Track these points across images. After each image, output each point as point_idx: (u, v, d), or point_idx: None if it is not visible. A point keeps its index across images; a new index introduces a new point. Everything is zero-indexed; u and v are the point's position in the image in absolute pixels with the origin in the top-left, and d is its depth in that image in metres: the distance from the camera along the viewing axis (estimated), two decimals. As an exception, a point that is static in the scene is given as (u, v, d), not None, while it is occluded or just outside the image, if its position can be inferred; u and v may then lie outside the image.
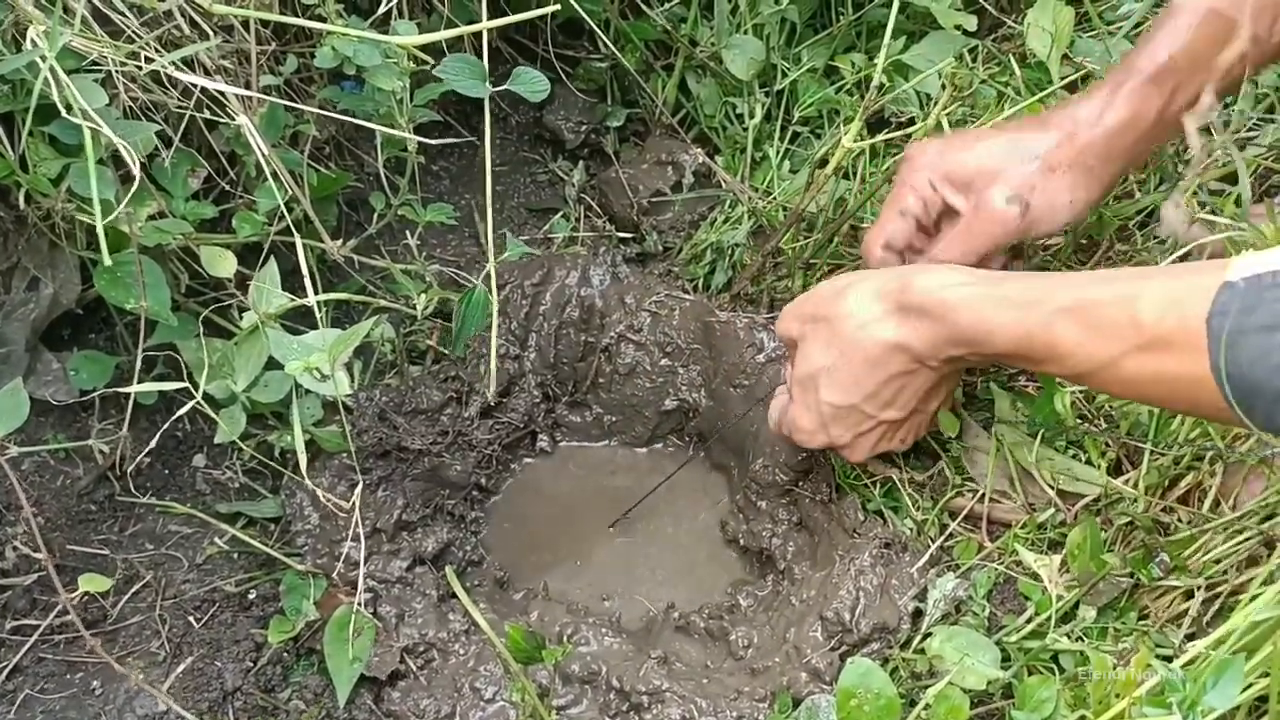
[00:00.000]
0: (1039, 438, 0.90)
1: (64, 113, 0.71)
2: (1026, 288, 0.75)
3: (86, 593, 0.84)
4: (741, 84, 1.29)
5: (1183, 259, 0.97)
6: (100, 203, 0.72)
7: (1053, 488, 0.89)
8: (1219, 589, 0.77)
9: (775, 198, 1.23)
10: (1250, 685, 0.62)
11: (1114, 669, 0.69)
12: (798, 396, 0.89)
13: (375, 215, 1.07)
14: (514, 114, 1.42)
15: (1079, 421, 0.91)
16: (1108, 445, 0.88)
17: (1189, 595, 0.78)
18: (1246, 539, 0.76)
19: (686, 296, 1.17)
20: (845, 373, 0.84)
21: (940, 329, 0.78)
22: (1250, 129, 1.08)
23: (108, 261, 0.69)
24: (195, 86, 0.79)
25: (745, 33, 1.28)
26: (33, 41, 0.68)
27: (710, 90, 1.32)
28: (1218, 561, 0.78)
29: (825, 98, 1.27)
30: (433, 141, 0.85)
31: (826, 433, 0.88)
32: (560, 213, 1.35)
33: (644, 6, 1.27)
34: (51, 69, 0.68)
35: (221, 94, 0.80)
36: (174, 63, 0.75)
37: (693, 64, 1.32)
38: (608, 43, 1.21)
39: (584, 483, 1.16)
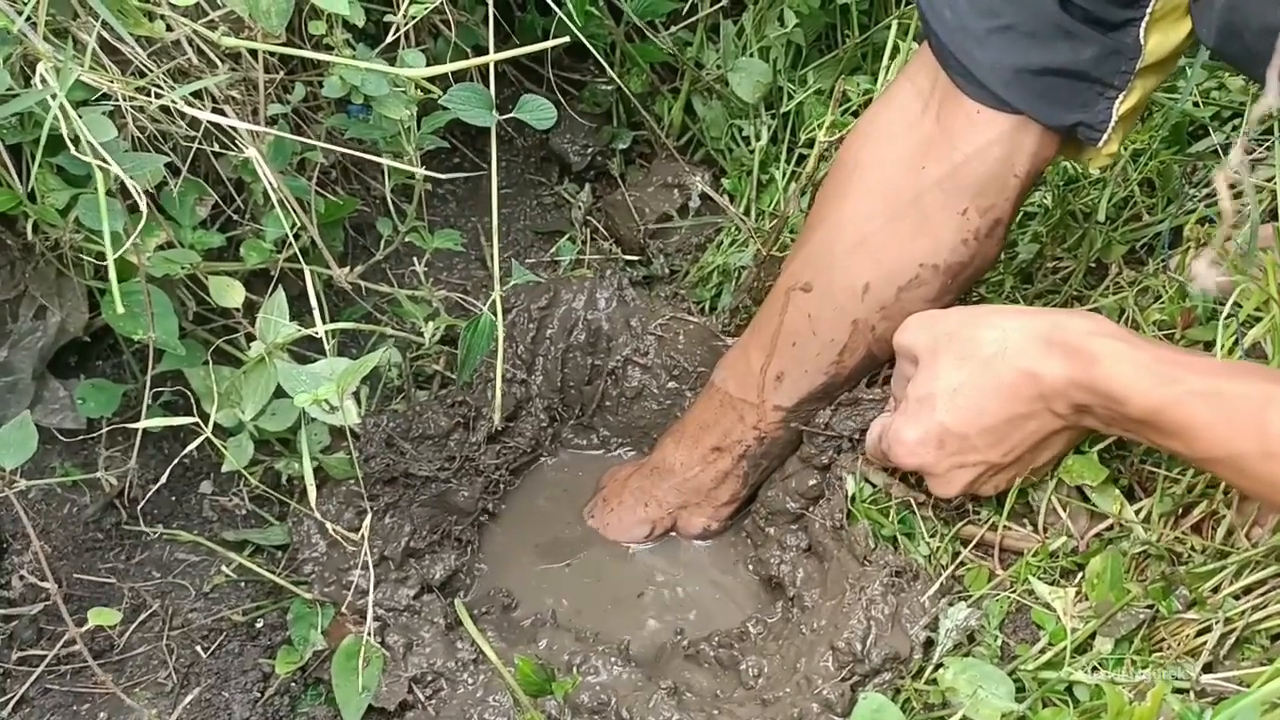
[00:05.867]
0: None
1: (73, 149, 0.70)
2: (1164, 359, 0.73)
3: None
4: (747, 106, 1.30)
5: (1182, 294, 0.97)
6: (109, 235, 0.71)
7: (1065, 507, 0.88)
8: (1236, 624, 0.77)
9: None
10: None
11: (1130, 703, 0.69)
12: (910, 410, 0.84)
13: (382, 241, 1.07)
14: (520, 137, 1.42)
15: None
16: (1119, 473, 0.87)
17: (1206, 628, 0.78)
18: (1268, 574, 0.76)
19: (692, 319, 1.17)
20: (970, 398, 0.81)
21: (1077, 371, 0.76)
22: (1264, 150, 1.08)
23: (120, 309, 0.69)
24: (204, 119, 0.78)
25: (751, 55, 1.28)
26: (42, 77, 0.68)
27: (716, 113, 1.33)
28: (1237, 597, 0.77)
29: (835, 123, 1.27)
30: (441, 176, 0.85)
31: (928, 454, 0.84)
32: (566, 235, 1.35)
33: (649, 30, 1.27)
34: (61, 106, 0.68)
35: (232, 127, 0.80)
36: (184, 98, 0.75)
37: (699, 86, 1.32)
38: (609, 70, 1.21)
39: (587, 492, 1.16)
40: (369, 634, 0.90)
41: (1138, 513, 0.86)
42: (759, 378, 1.00)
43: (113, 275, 0.70)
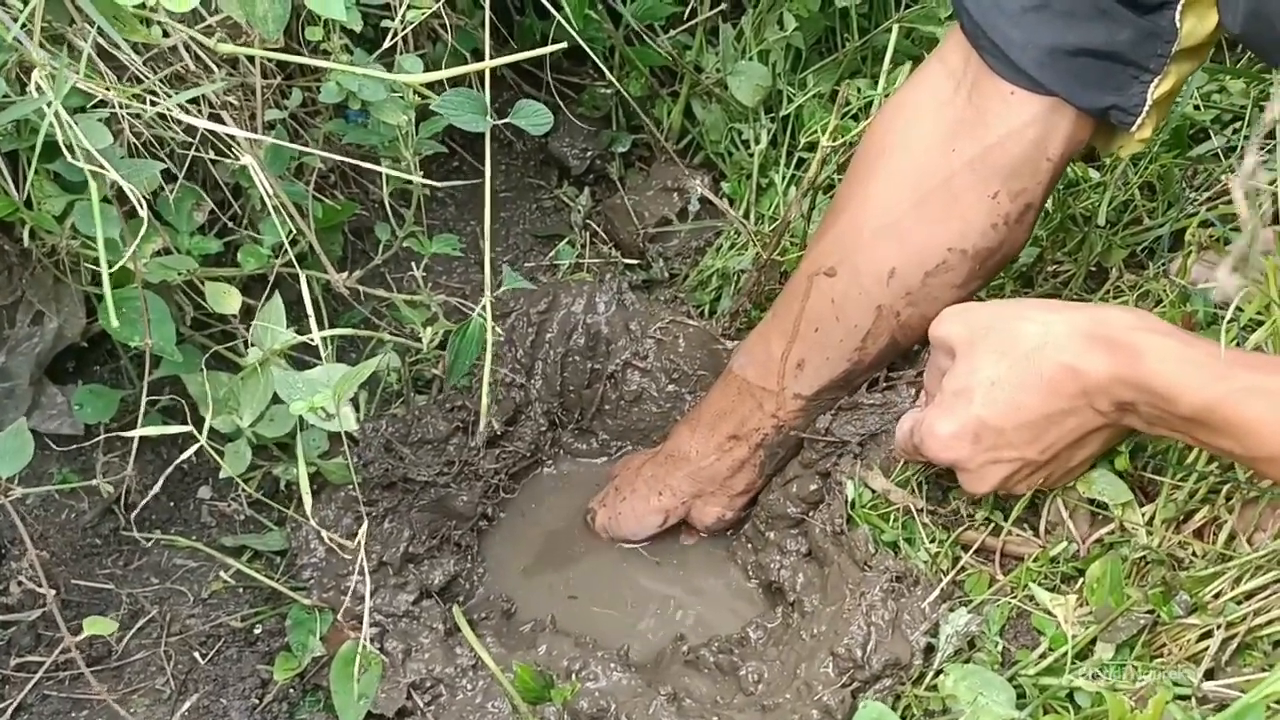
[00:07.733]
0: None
1: (69, 155, 0.70)
2: (1214, 355, 0.71)
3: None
4: (747, 110, 1.29)
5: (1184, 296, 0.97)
6: (105, 241, 0.71)
7: (1069, 509, 0.88)
8: (1237, 629, 0.76)
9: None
10: None
11: (1132, 710, 0.68)
12: (946, 403, 0.82)
13: (381, 246, 1.07)
14: (519, 141, 1.42)
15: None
16: (1121, 477, 0.87)
17: (1207, 634, 0.77)
18: (1269, 580, 0.75)
19: (692, 323, 1.16)
20: (1009, 391, 0.78)
21: (1122, 367, 0.74)
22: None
23: (114, 321, 0.69)
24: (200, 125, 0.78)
25: (750, 59, 1.28)
26: (38, 85, 0.68)
27: (716, 116, 1.32)
28: (1239, 603, 0.77)
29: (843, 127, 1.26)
30: (439, 185, 0.85)
31: (962, 449, 0.81)
32: (566, 239, 1.35)
33: (648, 34, 1.26)
34: (57, 113, 0.67)
35: (229, 134, 0.80)
36: (180, 104, 0.74)
37: (698, 90, 1.32)
38: (608, 74, 1.21)
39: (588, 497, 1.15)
40: (367, 640, 0.90)
41: (1142, 516, 0.85)
42: (779, 364, 0.98)
43: (106, 285, 0.69)
